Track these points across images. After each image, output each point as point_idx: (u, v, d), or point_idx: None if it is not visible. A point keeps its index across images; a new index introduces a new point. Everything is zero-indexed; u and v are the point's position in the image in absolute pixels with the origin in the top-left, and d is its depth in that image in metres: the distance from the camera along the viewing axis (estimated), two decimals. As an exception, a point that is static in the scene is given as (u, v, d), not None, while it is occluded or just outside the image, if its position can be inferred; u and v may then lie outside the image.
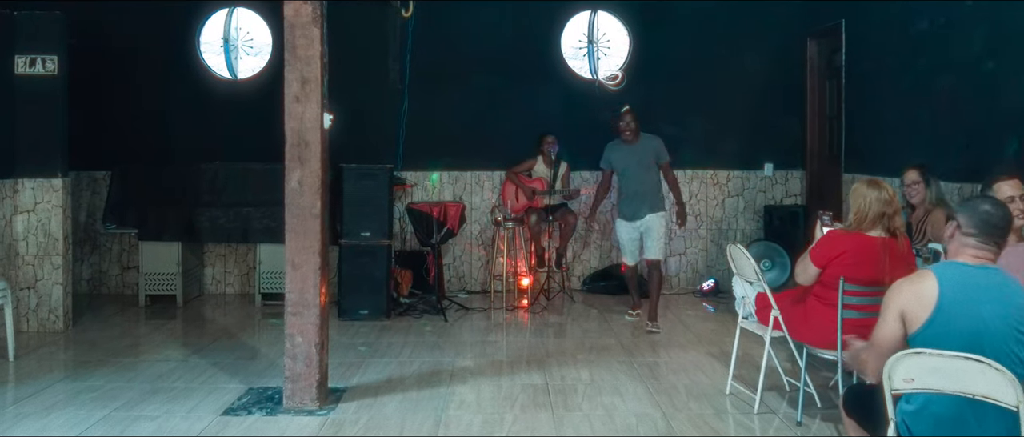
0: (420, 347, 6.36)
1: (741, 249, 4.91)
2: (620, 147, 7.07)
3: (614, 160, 7.11)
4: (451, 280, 8.66)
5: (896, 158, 6.87)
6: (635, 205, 6.99)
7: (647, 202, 6.98)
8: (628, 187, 7.05)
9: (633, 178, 7.00)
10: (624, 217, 7.09)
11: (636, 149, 7.00)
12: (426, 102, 8.56)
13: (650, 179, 7.01)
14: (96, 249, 8.59)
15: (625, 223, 7.09)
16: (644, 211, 6.96)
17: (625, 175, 7.07)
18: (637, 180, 6.98)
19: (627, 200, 7.06)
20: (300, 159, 4.80)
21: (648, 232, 6.98)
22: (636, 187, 6.99)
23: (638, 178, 6.98)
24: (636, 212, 6.99)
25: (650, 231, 6.97)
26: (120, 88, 8.49)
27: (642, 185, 6.97)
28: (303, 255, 4.81)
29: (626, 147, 7.02)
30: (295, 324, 4.84)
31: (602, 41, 8.63)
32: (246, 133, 8.16)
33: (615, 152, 7.10)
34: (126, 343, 6.54)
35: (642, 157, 6.98)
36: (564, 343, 6.51)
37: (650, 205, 6.98)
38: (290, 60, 4.79)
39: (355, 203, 7.26)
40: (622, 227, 7.12)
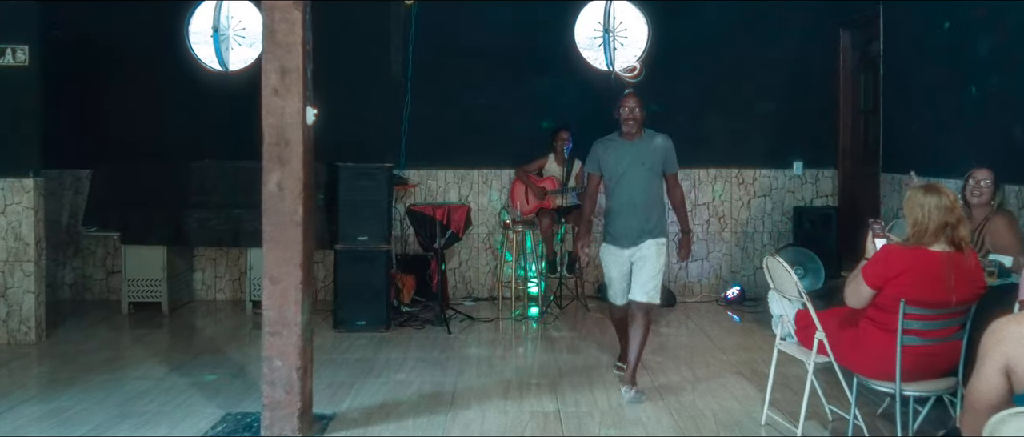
0: (420, 364, 5.81)
1: (781, 262, 4.32)
2: (615, 144, 5.22)
3: (606, 161, 5.20)
4: (457, 286, 8.11)
5: (940, 157, 6.28)
6: (629, 225, 5.14)
7: (646, 222, 5.14)
8: (621, 199, 5.16)
9: (630, 187, 5.13)
10: (613, 241, 5.23)
11: (637, 148, 5.16)
12: (430, 96, 8.00)
13: (652, 191, 5.18)
14: (79, 252, 8.08)
15: (614, 250, 5.21)
16: (641, 235, 5.13)
17: (619, 183, 5.17)
18: (635, 190, 5.12)
19: (619, 217, 5.17)
20: (279, 159, 4.25)
21: (641, 263, 5.12)
22: (632, 200, 5.12)
23: (636, 187, 5.13)
24: (630, 235, 5.13)
25: (644, 262, 5.11)
26: (105, 81, 7.98)
27: (641, 198, 5.13)
28: (283, 268, 4.26)
29: (623, 145, 5.19)
30: (274, 346, 4.29)
31: (619, 30, 8.02)
32: (238, 129, 7.52)
33: (608, 151, 5.21)
34: (102, 357, 6.01)
35: (645, 159, 5.14)
36: (577, 360, 5.94)
37: (650, 227, 5.14)
38: (268, 47, 4.24)
39: (352, 205, 6.71)
40: (610, 255, 5.24)
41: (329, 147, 7.44)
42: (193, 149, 7.65)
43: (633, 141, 5.18)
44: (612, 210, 5.24)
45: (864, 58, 7.83)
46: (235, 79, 7.90)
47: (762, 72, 8.09)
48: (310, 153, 4.37)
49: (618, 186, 5.19)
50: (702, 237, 8.14)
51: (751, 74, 8.08)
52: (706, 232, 8.15)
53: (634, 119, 5.13)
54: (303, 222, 4.27)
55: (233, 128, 7.65)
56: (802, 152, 8.20)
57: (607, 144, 5.25)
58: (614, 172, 5.18)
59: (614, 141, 5.23)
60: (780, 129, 8.15)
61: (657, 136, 5.24)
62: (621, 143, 5.20)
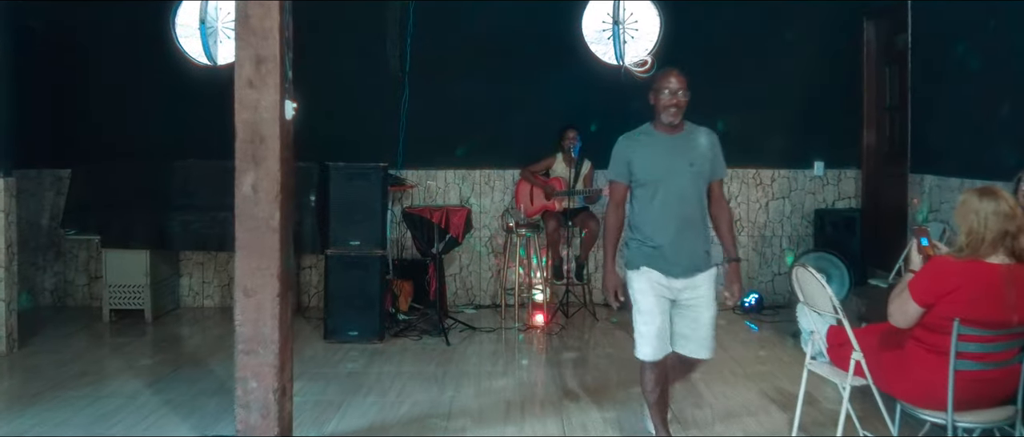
0: (415, 380, 5.37)
1: (812, 272, 3.87)
2: (650, 140, 3.94)
3: (640, 162, 3.91)
4: (457, 292, 7.67)
5: (978, 157, 5.83)
6: (678, 248, 3.87)
7: (700, 245, 3.95)
8: (662, 213, 3.87)
9: (674, 196, 3.87)
10: (651, 262, 3.90)
11: (681, 144, 3.93)
12: (430, 92, 7.55)
13: (703, 202, 3.97)
14: (61, 256, 7.68)
15: (655, 275, 3.89)
16: (693, 265, 3.91)
17: (657, 191, 3.88)
18: (682, 200, 3.88)
19: (657, 236, 3.87)
20: (254, 158, 3.83)
21: (696, 308, 3.92)
22: (680, 213, 3.87)
23: (683, 196, 3.88)
24: (680, 261, 3.87)
25: (699, 309, 3.92)
26: (88, 76, 7.59)
27: (690, 211, 3.90)
28: (258, 278, 3.83)
29: (661, 140, 3.92)
30: (248, 365, 3.87)
31: (629, 22, 7.57)
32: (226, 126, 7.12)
33: (641, 148, 3.93)
34: (75, 370, 5.59)
35: (693, 158, 3.90)
36: (585, 376, 5.49)
37: (704, 253, 3.96)
38: (241, 34, 3.81)
39: (344, 207, 6.28)
40: (647, 282, 3.89)
41: (322, 145, 7.06)
42: (180, 147, 7.24)
43: (674, 135, 3.92)
44: (645, 229, 3.90)
45: (890, 51, 7.36)
46: (224, 74, 7.38)
47: (781, 66, 7.63)
48: (289, 151, 3.95)
49: (656, 196, 3.86)
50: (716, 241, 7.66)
51: (769, 68, 7.62)
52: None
53: (677, 105, 3.87)
54: (280, 228, 3.84)
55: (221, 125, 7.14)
56: (823, 151, 7.74)
57: (638, 140, 3.95)
58: (650, 176, 3.88)
59: (648, 135, 3.96)
60: (800, 127, 7.68)
61: (701, 130, 4.02)
62: (658, 138, 3.92)
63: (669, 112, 3.88)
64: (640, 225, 3.95)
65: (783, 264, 7.64)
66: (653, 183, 3.89)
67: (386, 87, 7.57)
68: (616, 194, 4.01)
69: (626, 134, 4.03)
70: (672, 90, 3.89)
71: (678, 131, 3.95)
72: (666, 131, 3.94)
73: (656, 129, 3.97)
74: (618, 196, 4.01)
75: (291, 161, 3.95)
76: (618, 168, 3.99)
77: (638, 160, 3.93)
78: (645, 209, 3.92)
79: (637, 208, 3.97)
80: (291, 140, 3.97)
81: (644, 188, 3.92)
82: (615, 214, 4.01)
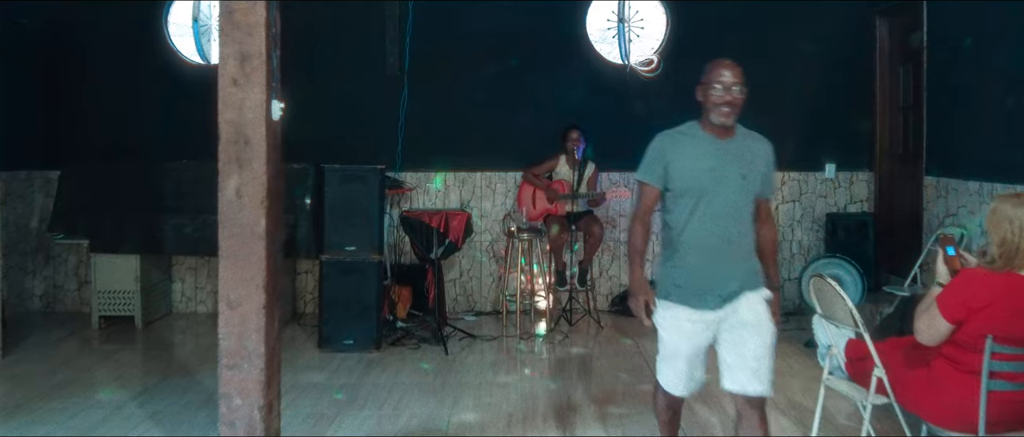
0: (412, 391, 5.16)
1: (831, 282, 3.65)
2: (696, 141, 3.32)
3: (681, 165, 3.28)
4: (457, 299, 7.45)
5: (997, 158, 5.59)
6: (716, 272, 3.26)
7: (736, 268, 3.30)
8: (697, 231, 3.26)
9: (720, 209, 3.25)
10: (682, 297, 3.28)
11: (732, 150, 3.30)
12: (430, 92, 7.33)
13: (745, 220, 3.31)
14: (50, 261, 7.46)
15: (684, 312, 3.28)
16: (736, 286, 3.27)
17: (700, 202, 3.25)
18: (728, 214, 3.26)
19: (694, 256, 3.28)
20: (238, 160, 3.61)
21: (745, 330, 3.25)
22: (723, 231, 3.25)
23: (724, 212, 3.25)
24: (716, 287, 3.25)
25: (751, 329, 3.25)
26: (79, 75, 7.38)
27: (736, 228, 3.28)
28: (243, 289, 3.62)
29: (710, 143, 3.30)
30: (232, 381, 3.65)
31: (634, 20, 7.37)
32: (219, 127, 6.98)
33: (684, 149, 3.31)
34: (59, 380, 5.38)
35: (745, 168, 3.29)
36: (590, 387, 5.27)
37: (749, 272, 3.34)
38: (225, 29, 3.60)
39: (339, 211, 6.06)
40: (675, 319, 3.31)
41: (318, 146, 6.86)
42: (173, 148, 7.02)
43: (725, 139, 3.29)
44: (680, 248, 3.29)
45: (904, 49, 7.13)
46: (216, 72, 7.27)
47: (790, 65, 7.40)
48: (276, 153, 3.73)
49: (696, 209, 3.24)
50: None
51: (778, 67, 7.38)
52: None
53: (732, 104, 3.23)
54: (266, 235, 3.63)
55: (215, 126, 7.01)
56: (835, 153, 7.50)
57: (681, 140, 3.33)
58: (692, 184, 3.24)
59: (693, 136, 3.32)
60: (810, 127, 7.44)
61: (756, 136, 3.40)
62: (705, 140, 3.30)
63: (721, 111, 3.23)
64: (673, 243, 3.31)
65: (793, 269, 7.40)
66: (694, 193, 3.23)
67: (385, 87, 7.35)
68: (645, 199, 3.35)
69: (666, 131, 3.39)
70: (725, 84, 3.24)
71: (730, 135, 3.30)
72: (716, 133, 3.29)
73: (703, 129, 3.32)
74: (647, 202, 3.35)
75: (279, 164, 3.74)
76: (652, 169, 3.32)
77: (679, 163, 3.26)
78: (681, 224, 3.27)
79: (671, 222, 3.32)
80: (279, 142, 3.76)
81: (682, 198, 3.26)
82: (641, 224, 3.35)
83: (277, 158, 3.73)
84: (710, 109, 3.28)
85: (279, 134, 3.76)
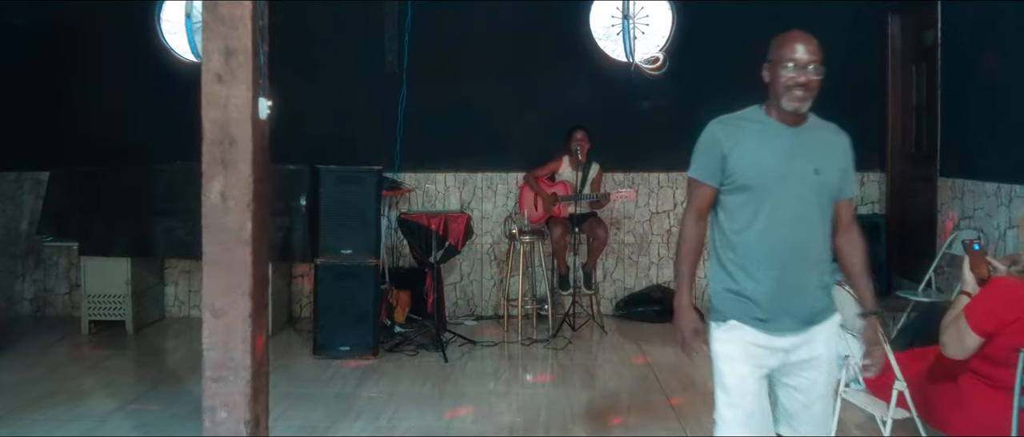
0: (409, 401, 4.97)
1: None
2: (760, 128, 2.77)
3: (741, 157, 2.73)
4: (458, 303, 7.26)
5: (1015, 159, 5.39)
6: (780, 290, 2.70)
7: (811, 284, 2.74)
8: (763, 237, 2.71)
9: (783, 212, 2.69)
10: (745, 317, 2.72)
11: (803, 142, 2.75)
12: (429, 91, 7.13)
13: (820, 224, 2.75)
14: (41, 264, 7.29)
15: (749, 334, 2.72)
16: (811, 311, 2.73)
17: (764, 201, 2.71)
18: (792, 220, 2.70)
19: (755, 268, 2.72)
20: (223, 162, 3.41)
21: (806, 370, 2.74)
22: (795, 237, 2.70)
23: (795, 214, 2.70)
24: (789, 307, 2.70)
25: (811, 368, 2.74)
26: (69, 75, 7.19)
27: (809, 234, 2.73)
28: (228, 297, 3.42)
29: (777, 131, 2.75)
30: (217, 394, 3.46)
31: (639, 17, 7.17)
32: (213, 127, 6.79)
33: (745, 139, 2.74)
34: (44, 389, 5.19)
35: (819, 161, 2.74)
36: (594, 397, 5.07)
37: (819, 294, 2.76)
38: (209, 23, 3.40)
39: (335, 213, 5.88)
40: (731, 347, 2.74)
41: (315, 147, 6.68)
42: (166, 148, 6.82)
43: (796, 128, 2.73)
44: (741, 259, 2.71)
45: (918, 47, 6.93)
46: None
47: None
48: (264, 154, 3.53)
49: (760, 210, 2.68)
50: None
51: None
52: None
53: (806, 85, 2.66)
54: (253, 240, 3.43)
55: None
56: (845, 153, 7.30)
57: (742, 126, 2.75)
58: (756, 180, 2.68)
59: (758, 123, 2.76)
60: (820, 127, 7.24)
61: (831, 127, 2.86)
62: (772, 128, 2.73)
63: (794, 95, 2.66)
64: (733, 252, 2.73)
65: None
66: (759, 191, 2.67)
67: (383, 86, 7.16)
68: (697, 201, 2.80)
69: (722, 118, 2.82)
70: (799, 62, 2.66)
71: (801, 123, 2.74)
72: (784, 121, 2.73)
73: (769, 116, 2.76)
74: (700, 205, 2.80)
75: (266, 165, 3.55)
76: (706, 163, 2.76)
77: (739, 155, 2.69)
78: (743, 228, 2.71)
79: (730, 226, 2.75)
80: (267, 142, 3.56)
81: (744, 197, 2.70)
82: (694, 228, 2.81)
83: (264, 159, 3.54)
84: (780, 92, 2.69)
85: (267, 134, 3.56)
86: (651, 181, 7.27)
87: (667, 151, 7.16)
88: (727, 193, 2.76)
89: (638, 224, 7.28)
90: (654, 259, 7.28)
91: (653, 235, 7.29)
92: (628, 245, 7.28)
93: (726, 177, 2.74)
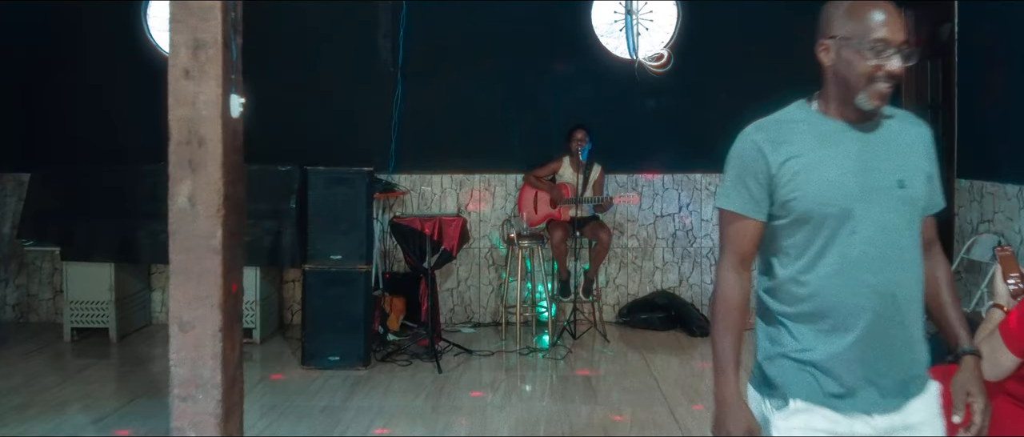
0: (399, 416, 4.71)
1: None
2: (820, 130, 1.97)
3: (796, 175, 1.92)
4: (454, 309, 7.00)
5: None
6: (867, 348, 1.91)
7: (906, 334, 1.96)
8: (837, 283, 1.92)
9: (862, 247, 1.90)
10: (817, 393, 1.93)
11: (878, 145, 1.96)
12: (426, 89, 6.87)
13: (912, 257, 1.98)
14: (24, 268, 7.04)
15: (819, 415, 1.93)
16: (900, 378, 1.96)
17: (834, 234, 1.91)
18: (876, 258, 1.91)
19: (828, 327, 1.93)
20: (191, 164, 3.17)
21: None
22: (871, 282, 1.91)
23: (880, 248, 1.91)
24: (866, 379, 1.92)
25: None
26: (54, 73, 6.94)
27: (890, 277, 1.92)
28: (196, 310, 3.17)
29: (841, 135, 1.96)
30: (185, 414, 3.20)
31: (643, 13, 6.92)
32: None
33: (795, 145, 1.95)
34: (16, 403, 4.94)
35: (901, 172, 1.95)
36: (595, 412, 4.80)
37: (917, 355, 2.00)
38: (177, 14, 3.16)
39: (324, 217, 5.62)
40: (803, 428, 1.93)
41: (307, 147, 6.44)
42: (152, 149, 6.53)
43: (866, 126, 1.97)
44: (804, 311, 1.96)
45: (932, 43, 6.65)
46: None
47: (810, 60, 6.88)
48: (236, 155, 3.29)
49: (830, 247, 1.93)
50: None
51: (797, 62, 6.85)
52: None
53: (892, 74, 1.89)
54: (223, 248, 3.18)
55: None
56: (857, 154, 7.04)
57: (794, 131, 1.99)
58: (822, 204, 1.91)
59: (810, 123, 2.00)
60: (831, 127, 6.98)
61: (905, 116, 2.07)
62: (833, 129, 1.98)
63: (877, 90, 1.88)
64: (792, 305, 1.96)
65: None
66: (827, 220, 1.91)
67: (378, 84, 6.91)
68: (737, 241, 1.99)
69: (761, 122, 2.04)
70: (889, 42, 1.87)
71: (871, 119, 1.96)
72: (849, 118, 1.96)
73: (827, 113, 1.99)
74: (742, 247, 1.99)
75: (239, 167, 3.30)
76: (745, 187, 1.97)
77: (795, 172, 1.92)
78: (805, 272, 1.94)
79: (786, 271, 1.97)
80: (240, 142, 3.32)
81: (806, 231, 1.93)
82: (736, 283, 2.00)
83: (237, 161, 3.29)
84: (856, 83, 1.90)
85: (240, 133, 3.31)
86: (655, 183, 7.00)
87: (672, 152, 6.92)
88: (780, 227, 1.97)
89: (642, 227, 7.01)
90: (658, 264, 7.01)
91: (657, 239, 7.02)
92: (631, 249, 7.02)
93: (777, 205, 1.95)
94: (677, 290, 6.95)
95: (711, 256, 6.95)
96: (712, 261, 6.95)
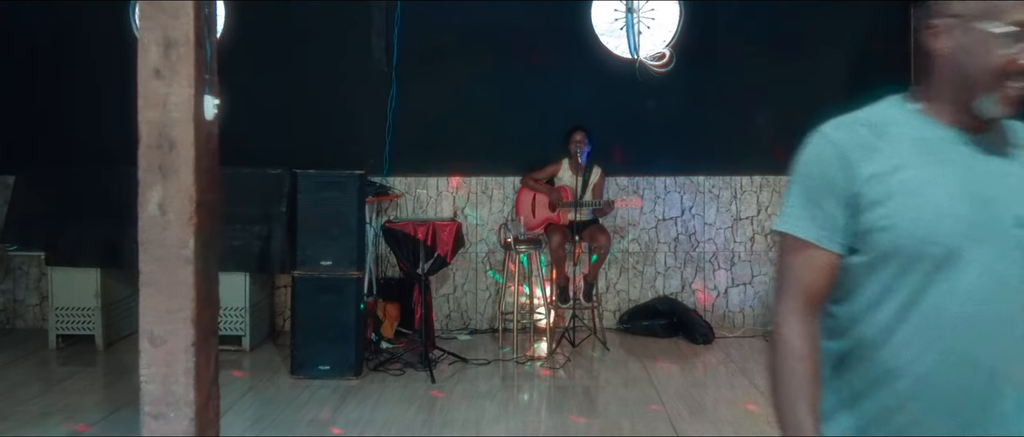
0: (389, 427, 4.53)
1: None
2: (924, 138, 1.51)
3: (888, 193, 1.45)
4: (450, 316, 6.82)
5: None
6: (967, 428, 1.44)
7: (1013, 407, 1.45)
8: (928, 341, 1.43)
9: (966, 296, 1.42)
10: None
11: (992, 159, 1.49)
12: (421, 90, 6.71)
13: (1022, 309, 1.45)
14: (10, 273, 6.89)
15: None
16: None
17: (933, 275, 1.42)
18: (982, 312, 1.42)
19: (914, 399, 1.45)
20: (161, 169, 2.99)
21: None
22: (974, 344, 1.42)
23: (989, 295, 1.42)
24: None
25: None
26: (39, 72, 6.80)
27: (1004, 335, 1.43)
28: (168, 323, 3.00)
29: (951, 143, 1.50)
30: (156, 432, 3.03)
31: (644, 11, 6.74)
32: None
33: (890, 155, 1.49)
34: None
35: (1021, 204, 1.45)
36: (593, 425, 4.62)
37: None
38: (147, 11, 2.98)
39: (314, 221, 5.44)
40: None
41: (299, 150, 6.29)
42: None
43: (982, 139, 1.51)
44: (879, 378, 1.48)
45: None
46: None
47: (816, 58, 6.74)
48: (211, 160, 3.10)
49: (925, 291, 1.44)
50: (745, 257, 6.81)
51: (803, 60, 6.73)
52: (750, 251, 6.82)
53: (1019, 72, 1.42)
54: (197, 259, 3.00)
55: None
56: (865, 155, 6.84)
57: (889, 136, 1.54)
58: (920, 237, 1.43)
59: (911, 126, 1.55)
60: (838, 128, 6.79)
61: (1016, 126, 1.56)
62: (941, 136, 1.52)
63: (1008, 92, 1.45)
64: (862, 369, 1.52)
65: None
66: (921, 264, 1.45)
67: (371, 85, 6.73)
68: (804, 277, 1.53)
69: (843, 120, 1.65)
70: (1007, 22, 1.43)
71: (990, 129, 1.53)
72: (966, 126, 1.52)
73: (932, 116, 1.56)
74: (809, 283, 1.53)
75: (213, 173, 3.11)
76: (818, 207, 1.54)
77: (887, 191, 1.48)
78: (881, 329, 1.48)
79: (854, 323, 1.52)
80: (214, 146, 3.13)
81: (892, 270, 1.47)
82: (803, 333, 1.51)
83: (211, 166, 3.10)
84: (983, 79, 1.46)
85: (214, 136, 3.13)
86: (657, 185, 6.82)
87: (674, 153, 6.74)
88: (859, 260, 1.50)
89: (643, 231, 6.83)
90: (660, 269, 6.83)
91: (659, 243, 6.84)
92: (632, 254, 6.84)
93: (861, 234, 1.48)
94: (679, 296, 6.77)
95: (714, 261, 6.77)
96: (715, 266, 6.78)
